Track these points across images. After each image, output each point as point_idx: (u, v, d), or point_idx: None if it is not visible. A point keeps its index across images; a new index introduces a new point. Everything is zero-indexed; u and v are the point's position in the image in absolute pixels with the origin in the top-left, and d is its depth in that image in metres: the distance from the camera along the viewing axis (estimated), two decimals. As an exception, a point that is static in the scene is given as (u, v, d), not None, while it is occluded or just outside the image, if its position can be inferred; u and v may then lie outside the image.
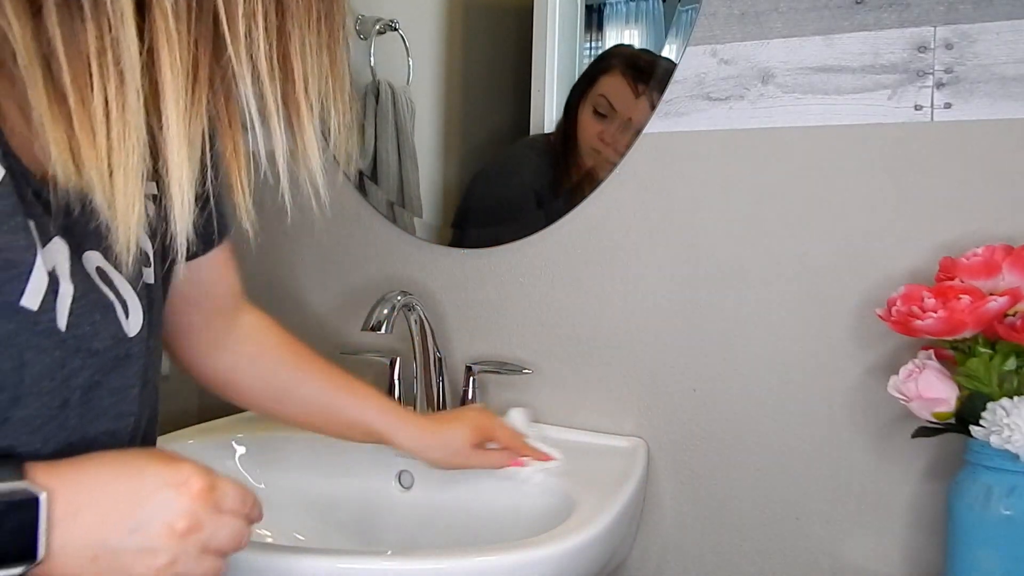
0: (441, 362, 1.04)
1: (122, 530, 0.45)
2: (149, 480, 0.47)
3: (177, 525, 0.46)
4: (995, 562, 0.72)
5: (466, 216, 1.11)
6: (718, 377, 0.96)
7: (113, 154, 0.42)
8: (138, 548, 0.45)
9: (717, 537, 0.97)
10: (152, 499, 0.46)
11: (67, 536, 0.43)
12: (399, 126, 1.14)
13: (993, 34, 0.82)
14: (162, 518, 0.46)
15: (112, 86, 0.41)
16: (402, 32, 1.12)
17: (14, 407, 0.45)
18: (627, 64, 1.00)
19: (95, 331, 0.49)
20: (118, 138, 0.42)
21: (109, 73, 0.40)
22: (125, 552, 0.45)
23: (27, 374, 0.45)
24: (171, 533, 0.46)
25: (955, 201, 0.85)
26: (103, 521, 0.45)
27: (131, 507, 0.45)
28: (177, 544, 0.46)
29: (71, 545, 0.44)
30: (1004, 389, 0.73)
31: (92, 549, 0.44)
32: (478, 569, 0.67)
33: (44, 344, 0.46)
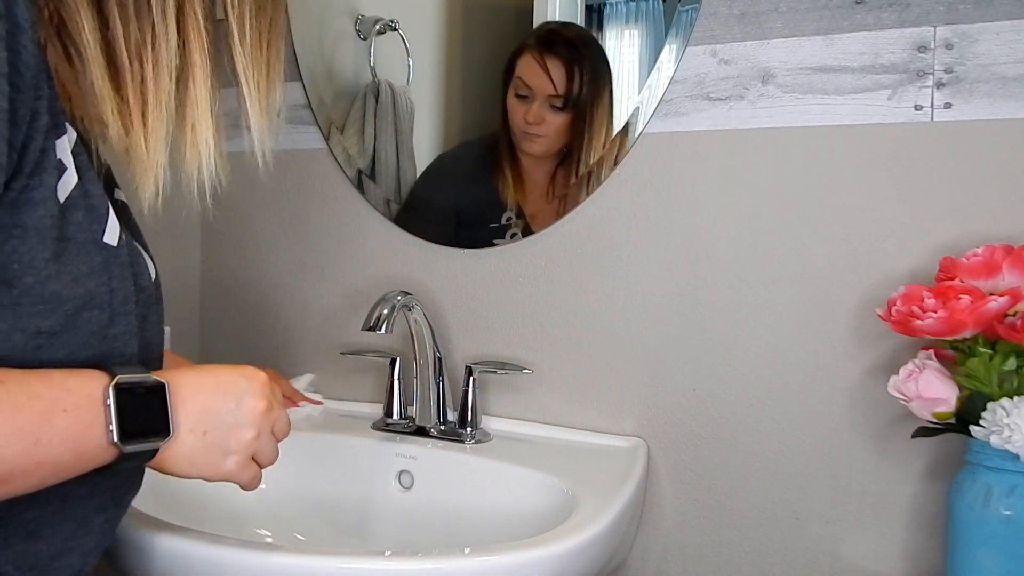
0: (441, 362, 1.04)
1: (224, 409, 0.57)
2: (228, 374, 0.59)
3: (259, 405, 0.59)
4: (995, 562, 0.72)
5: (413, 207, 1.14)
6: (718, 377, 0.96)
7: (149, 119, 0.53)
8: (233, 424, 0.57)
9: (717, 537, 0.97)
10: (236, 387, 0.58)
11: (186, 416, 0.55)
12: (398, 126, 1.14)
13: (993, 34, 0.82)
14: (248, 401, 0.58)
15: (149, 67, 0.52)
16: (402, 32, 1.12)
17: (111, 325, 0.54)
18: (538, 41, 1.02)
19: (140, 270, 0.58)
20: (154, 107, 0.53)
21: (148, 58, 0.52)
22: (226, 427, 0.57)
23: (116, 298, 0.54)
24: (255, 411, 0.58)
25: (955, 201, 0.85)
26: (205, 406, 0.56)
27: (225, 393, 0.57)
28: (260, 420, 0.59)
29: (187, 425, 0.55)
30: (1004, 389, 0.73)
31: (204, 425, 0.56)
32: (478, 569, 0.67)
33: (124, 274, 0.55)
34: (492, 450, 0.98)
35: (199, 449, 0.56)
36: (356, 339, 1.14)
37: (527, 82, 1.02)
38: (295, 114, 1.20)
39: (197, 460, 0.56)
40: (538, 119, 1.01)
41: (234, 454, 0.58)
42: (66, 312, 0.50)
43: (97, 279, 0.52)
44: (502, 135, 1.06)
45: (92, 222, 0.52)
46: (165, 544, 0.67)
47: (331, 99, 1.17)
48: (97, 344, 0.53)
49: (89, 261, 0.52)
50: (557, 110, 1.01)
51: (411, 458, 0.97)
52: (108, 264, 0.53)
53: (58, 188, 0.50)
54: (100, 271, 0.53)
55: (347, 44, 1.16)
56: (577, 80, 1.00)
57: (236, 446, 0.57)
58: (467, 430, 1.02)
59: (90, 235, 0.52)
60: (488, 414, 1.07)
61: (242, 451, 0.58)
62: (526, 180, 1.06)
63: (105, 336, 0.53)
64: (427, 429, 1.02)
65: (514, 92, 1.03)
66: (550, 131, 1.02)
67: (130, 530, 0.68)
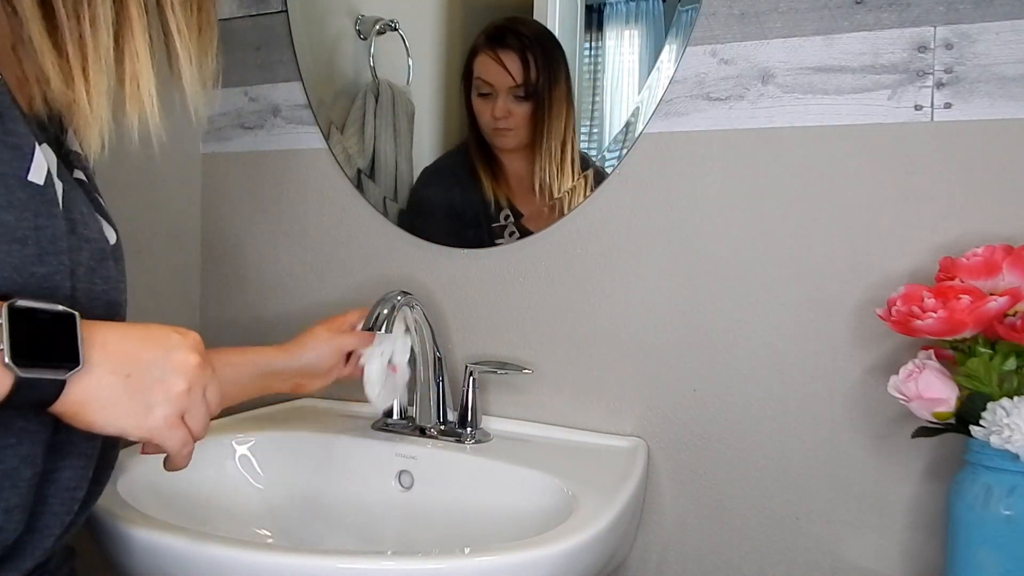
0: (441, 362, 1.04)
1: (148, 359, 0.53)
2: (159, 329, 0.55)
3: (191, 358, 0.55)
4: (995, 562, 0.72)
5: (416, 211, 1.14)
6: (718, 377, 0.96)
7: (89, 73, 0.53)
8: (161, 375, 0.53)
9: (717, 537, 0.97)
10: (168, 340, 0.55)
11: (104, 355, 0.51)
12: (399, 126, 1.14)
13: (993, 34, 0.82)
14: (179, 353, 0.54)
15: (86, 24, 0.52)
16: (402, 32, 1.12)
17: (38, 264, 0.52)
18: (486, 38, 1.04)
19: (84, 221, 0.57)
20: (93, 62, 0.53)
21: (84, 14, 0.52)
22: (151, 378, 0.53)
23: (43, 236, 0.52)
24: (187, 363, 0.54)
25: (955, 201, 0.85)
26: (130, 353, 0.52)
27: (153, 344, 0.54)
28: (192, 374, 0.55)
29: (106, 367, 0.51)
30: (1004, 389, 0.73)
31: (127, 368, 0.52)
32: (478, 569, 0.67)
33: (52, 212, 0.53)
34: (492, 450, 0.98)
35: (120, 393, 0.51)
36: (356, 339, 1.14)
37: (486, 79, 1.04)
38: (295, 114, 1.20)
39: (119, 408, 0.51)
40: (505, 112, 1.03)
41: (162, 405, 0.53)
42: None
43: (17, 213, 0.51)
44: (471, 138, 1.07)
45: (13, 158, 0.51)
46: (165, 544, 0.67)
47: (331, 99, 1.17)
48: (23, 281, 0.51)
49: (8, 195, 0.50)
50: (520, 100, 1.03)
51: (411, 458, 0.97)
52: (32, 201, 0.52)
53: None
54: (21, 206, 0.51)
55: (347, 44, 1.16)
56: (533, 68, 1.02)
57: (164, 397, 0.53)
58: (467, 430, 1.02)
59: (9, 169, 0.51)
60: (488, 414, 1.07)
61: (171, 404, 0.53)
62: (510, 176, 1.07)
63: (32, 275, 0.51)
64: (427, 429, 1.02)
65: (477, 92, 1.05)
66: (519, 122, 1.03)
67: (130, 530, 0.69)
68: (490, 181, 1.07)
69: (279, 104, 1.21)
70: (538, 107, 1.02)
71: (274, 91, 1.21)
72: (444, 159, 1.12)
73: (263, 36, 1.21)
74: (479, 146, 1.07)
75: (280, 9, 1.19)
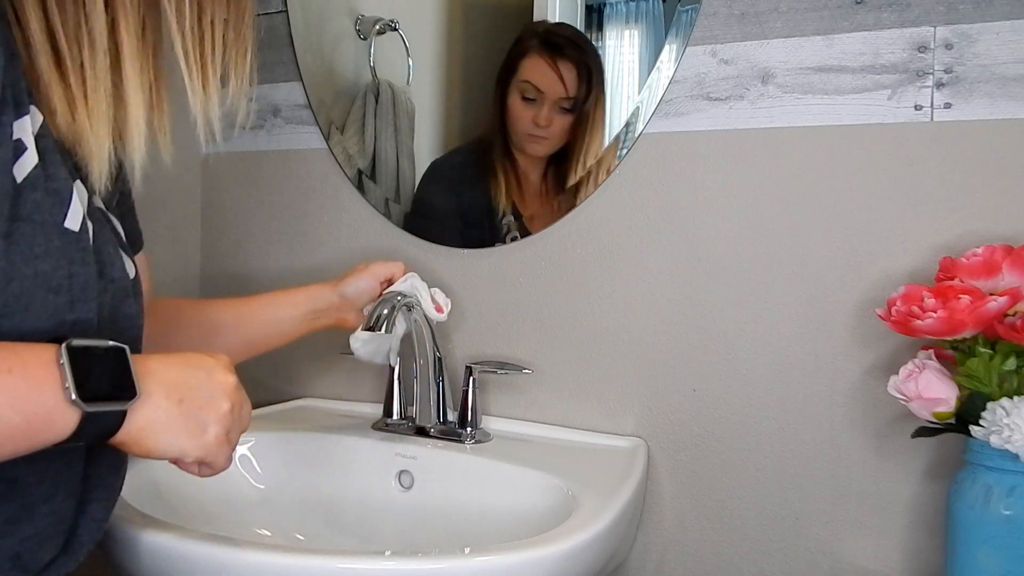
0: (441, 362, 1.03)
1: (194, 383, 0.55)
2: (192, 354, 0.58)
3: (230, 379, 0.58)
4: (995, 562, 0.72)
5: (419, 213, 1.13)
6: (718, 377, 0.96)
7: (90, 102, 0.53)
8: (208, 397, 0.56)
9: (717, 537, 0.97)
10: (205, 364, 0.57)
11: (157, 383, 0.53)
12: (399, 126, 1.14)
13: (993, 34, 0.82)
14: (218, 375, 0.57)
15: (86, 50, 0.52)
16: (402, 32, 1.12)
17: (70, 311, 0.53)
18: (543, 43, 1.02)
19: (111, 261, 0.58)
20: (93, 90, 0.53)
21: (84, 41, 0.52)
22: (199, 400, 0.55)
23: (76, 284, 0.53)
24: (227, 385, 0.57)
25: (955, 201, 0.85)
26: (177, 378, 0.54)
27: (194, 370, 0.56)
28: (233, 394, 0.57)
29: (159, 393, 0.53)
30: (1004, 389, 0.73)
31: (179, 392, 0.54)
32: (478, 569, 0.67)
33: (85, 259, 0.54)
34: (492, 450, 0.98)
35: (176, 416, 0.53)
36: (356, 339, 1.14)
37: (537, 85, 1.01)
38: (295, 114, 1.20)
39: (178, 431, 0.53)
40: (548, 121, 1.01)
41: (213, 425, 0.55)
42: (14, 292, 0.49)
43: (53, 261, 0.51)
44: (498, 138, 1.06)
45: (53, 205, 0.52)
46: (165, 544, 0.67)
47: (331, 99, 1.17)
48: (54, 329, 0.51)
49: (45, 243, 0.51)
50: (565, 112, 1.01)
51: (411, 458, 0.97)
52: (68, 248, 0.52)
53: (15, 167, 0.49)
54: (57, 254, 0.51)
55: (347, 44, 1.16)
56: (585, 83, 1.00)
57: (215, 416, 0.55)
58: (467, 430, 1.02)
59: (50, 217, 0.51)
60: (488, 414, 1.07)
61: (221, 423, 0.56)
62: (523, 182, 1.06)
63: (63, 321, 0.52)
64: (427, 429, 1.02)
65: (521, 95, 1.03)
66: (556, 132, 1.02)
67: (130, 529, 0.68)
68: (501, 185, 1.06)
69: (279, 104, 1.21)
70: (579, 121, 1.01)
71: (274, 91, 1.21)
72: (454, 155, 1.11)
73: (263, 36, 1.21)
74: (504, 146, 1.06)
75: (280, 9, 1.19)
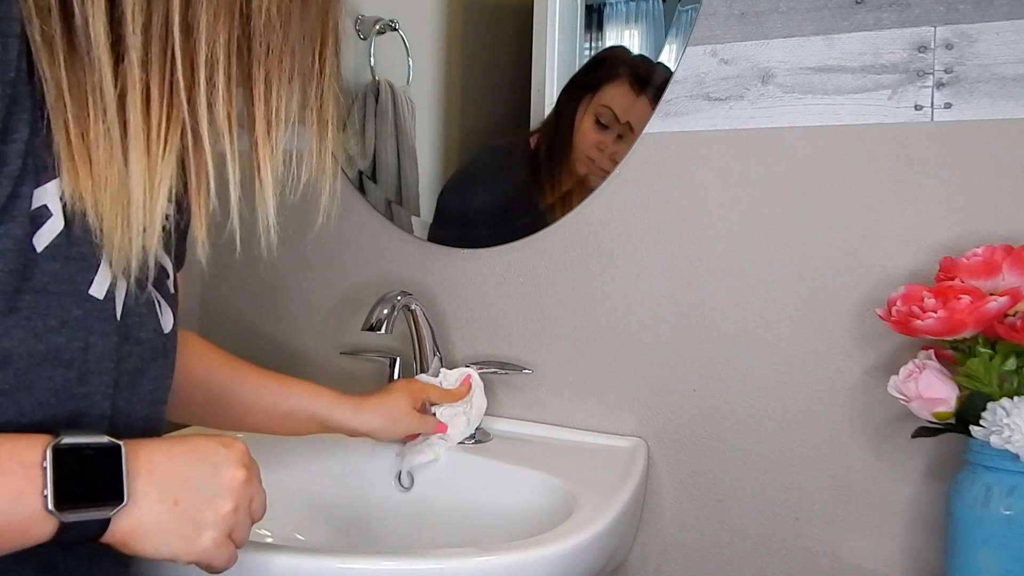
0: (441, 362, 1.04)
1: (195, 480, 0.51)
2: (204, 442, 0.53)
3: (238, 475, 0.53)
4: (995, 562, 0.72)
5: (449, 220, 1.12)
6: (718, 377, 0.96)
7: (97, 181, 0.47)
8: (210, 495, 0.51)
9: (717, 537, 0.97)
10: (214, 455, 0.52)
11: (148, 486, 0.49)
12: (399, 126, 1.14)
13: (993, 34, 0.82)
14: (226, 470, 0.52)
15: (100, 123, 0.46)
16: (402, 32, 1.12)
17: (80, 384, 0.50)
18: (633, 74, 0.98)
19: (141, 322, 0.55)
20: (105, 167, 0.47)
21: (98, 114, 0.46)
22: (199, 499, 0.51)
23: (91, 355, 0.50)
24: (234, 481, 0.52)
25: (955, 201, 0.85)
26: (177, 474, 0.50)
27: (199, 462, 0.52)
28: (239, 492, 0.53)
29: (152, 494, 0.49)
30: (1004, 389, 0.73)
31: (175, 492, 0.50)
32: (478, 569, 0.67)
33: (106, 329, 0.51)
34: (492, 450, 0.98)
35: (170, 521, 0.49)
36: (356, 339, 1.14)
37: (618, 114, 0.98)
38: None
39: (169, 535, 0.49)
40: (611, 152, 0.99)
41: (211, 528, 0.51)
42: (17, 370, 0.46)
43: (70, 334, 0.48)
44: (565, 152, 1.02)
45: (76, 272, 0.48)
46: (165, 544, 0.67)
47: (331, 99, 1.17)
48: (59, 404, 0.49)
49: (62, 314, 0.48)
50: (619, 140, 0.99)
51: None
52: (88, 318, 0.49)
53: (36, 237, 0.46)
54: (76, 325, 0.49)
55: (347, 44, 1.16)
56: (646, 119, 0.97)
57: (213, 519, 0.51)
58: (467, 430, 1.02)
59: (70, 286, 0.48)
60: (488, 414, 1.07)
61: (220, 525, 0.51)
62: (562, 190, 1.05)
63: (71, 395, 0.49)
64: (427, 429, 1.02)
65: (595, 117, 0.99)
66: (606, 158, 1.00)
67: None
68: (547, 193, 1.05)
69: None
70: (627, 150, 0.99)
71: (274, 91, 1.21)
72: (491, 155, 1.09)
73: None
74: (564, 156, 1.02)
75: (280, 9, 1.19)
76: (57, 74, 0.46)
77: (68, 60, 0.45)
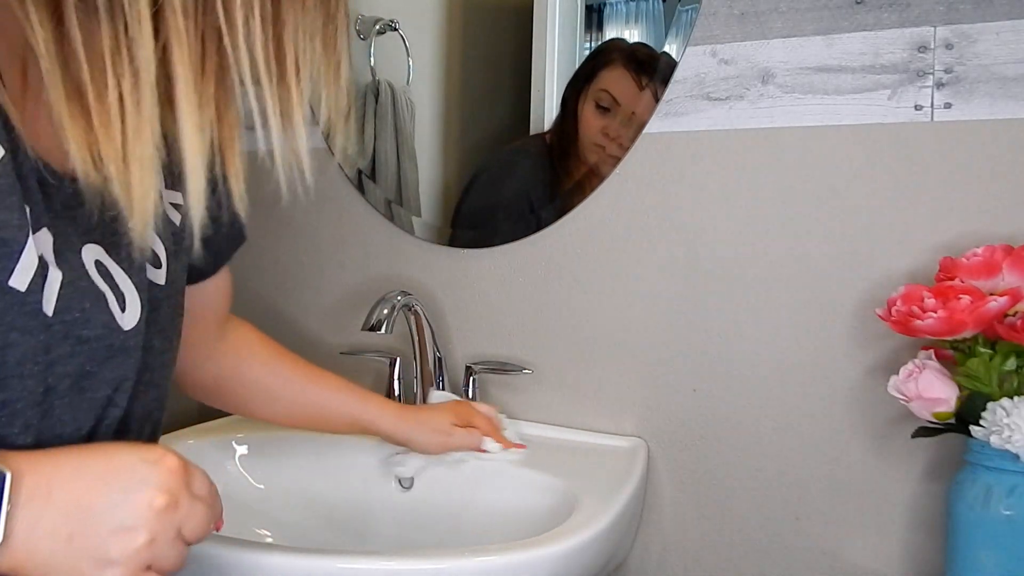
0: (441, 362, 1.04)
1: (100, 508, 0.44)
2: (124, 457, 0.46)
3: (156, 501, 0.45)
4: (995, 562, 0.72)
5: (464, 219, 1.11)
6: (718, 377, 0.96)
7: (129, 146, 0.43)
8: (117, 526, 0.44)
9: (717, 537, 0.97)
10: (130, 476, 0.45)
11: (38, 518, 0.42)
12: (399, 126, 1.14)
13: (993, 34, 0.82)
14: (141, 494, 0.45)
15: (127, 82, 0.42)
16: (402, 32, 1.12)
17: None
18: (628, 58, 0.99)
19: (85, 318, 0.48)
20: (134, 131, 0.43)
21: (124, 70, 0.42)
22: (103, 531, 0.43)
23: (10, 355, 0.44)
24: (150, 509, 0.45)
25: (955, 201, 0.85)
26: (79, 500, 0.43)
27: (108, 485, 0.44)
28: (156, 521, 0.45)
29: (43, 527, 0.42)
30: (1004, 389, 0.73)
31: (68, 528, 0.43)
32: (478, 569, 0.67)
33: (30, 325, 0.45)
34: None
35: (62, 560, 0.42)
36: (356, 339, 1.14)
37: (615, 96, 0.99)
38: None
39: (61, 574, 0.43)
40: (617, 135, 0.99)
41: (115, 566, 0.44)
42: None
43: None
44: (571, 145, 1.03)
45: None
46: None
47: (331, 99, 1.17)
48: None
49: None
50: (628, 126, 0.99)
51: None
52: (6, 313, 0.43)
53: None
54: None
55: (347, 44, 1.16)
56: (654, 102, 0.97)
57: (120, 555, 0.43)
58: (467, 430, 1.02)
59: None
60: (488, 414, 1.07)
61: (128, 562, 0.44)
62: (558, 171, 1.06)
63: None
64: (427, 429, 1.02)
65: (595, 103, 1.00)
66: (616, 145, 1.00)
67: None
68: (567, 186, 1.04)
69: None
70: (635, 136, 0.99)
71: (274, 91, 1.21)
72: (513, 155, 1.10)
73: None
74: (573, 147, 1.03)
75: (280, 9, 1.19)
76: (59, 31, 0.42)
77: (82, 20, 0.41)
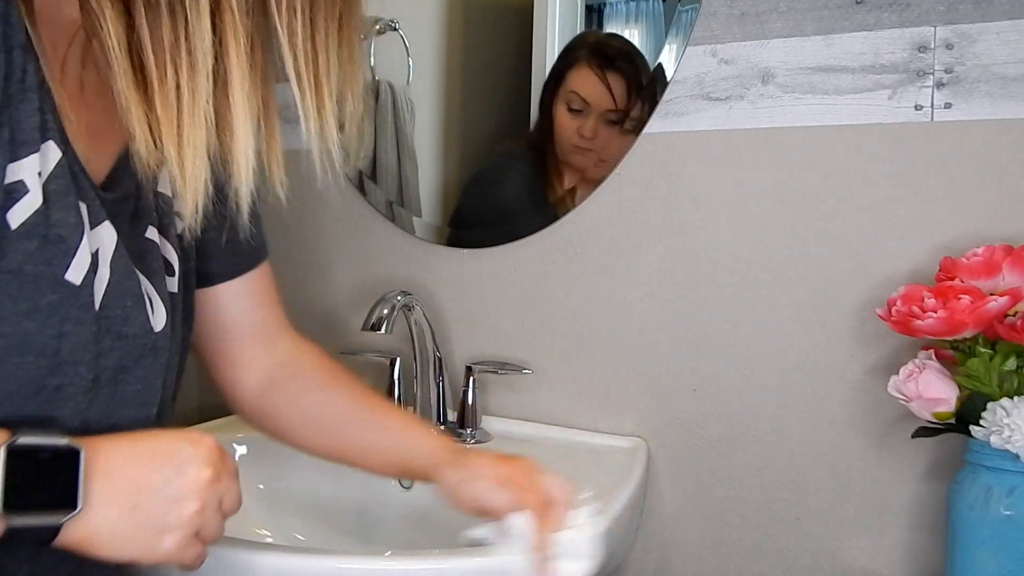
0: (441, 362, 1.04)
1: (157, 482, 0.48)
2: (170, 439, 0.51)
3: (203, 474, 0.50)
4: (995, 562, 0.72)
5: (464, 219, 1.12)
6: (718, 377, 0.96)
7: (184, 131, 0.48)
8: (173, 497, 0.49)
9: (717, 537, 0.97)
10: (178, 454, 0.50)
11: (107, 488, 0.47)
12: (399, 126, 1.14)
13: (993, 34, 0.82)
14: (191, 469, 0.50)
15: (184, 72, 0.47)
16: (402, 32, 1.12)
17: (52, 375, 0.48)
18: (592, 53, 0.99)
19: (125, 316, 0.53)
20: (189, 117, 0.48)
21: (182, 61, 0.47)
22: (161, 502, 0.48)
23: (64, 344, 0.48)
24: (199, 481, 0.50)
25: (955, 201, 0.85)
26: (137, 477, 0.48)
27: (163, 461, 0.49)
28: (204, 492, 0.50)
29: (112, 497, 0.47)
30: (1004, 389, 0.73)
31: (133, 498, 0.47)
32: (478, 569, 0.67)
33: (83, 317, 0.49)
34: (492, 450, 0.98)
35: (128, 528, 0.47)
36: (356, 339, 1.14)
37: (584, 96, 0.99)
38: (295, 114, 1.20)
39: (126, 541, 0.47)
40: (593, 133, 0.99)
41: (173, 531, 0.49)
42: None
43: (42, 319, 0.47)
44: (550, 149, 1.03)
45: (53, 255, 0.47)
46: (165, 544, 0.67)
47: (331, 99, 1.17)
48: (27, 395, 0.47)
49: (34, 298, 0.46)
50: (611, 124, 0.99)
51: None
52: (63, 304, 0.47)
53: (9, 213, 0.45)
54: (49, 311, 0.47)
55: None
56: (636, 96, 0.98)
57: (176, 522, 0.49)
58: (467, 430, 1.02)
59: (45, 269, 0.47)
60: (488, 414, 1.07)
61: (183, 527, 0.49)
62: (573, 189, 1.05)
63: (42, 387, 0.48)
64: (427, 429, 1.02)
65: (567, 106, 1.00)
66: (601, 145, 1.00)
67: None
68: (557, 192, 1.04)
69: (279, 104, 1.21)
70: (626, 134, 0.98)
71: (274, 91, 1.21)
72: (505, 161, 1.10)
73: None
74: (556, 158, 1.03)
75: (280, 9, 1.19)
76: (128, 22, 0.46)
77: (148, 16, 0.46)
